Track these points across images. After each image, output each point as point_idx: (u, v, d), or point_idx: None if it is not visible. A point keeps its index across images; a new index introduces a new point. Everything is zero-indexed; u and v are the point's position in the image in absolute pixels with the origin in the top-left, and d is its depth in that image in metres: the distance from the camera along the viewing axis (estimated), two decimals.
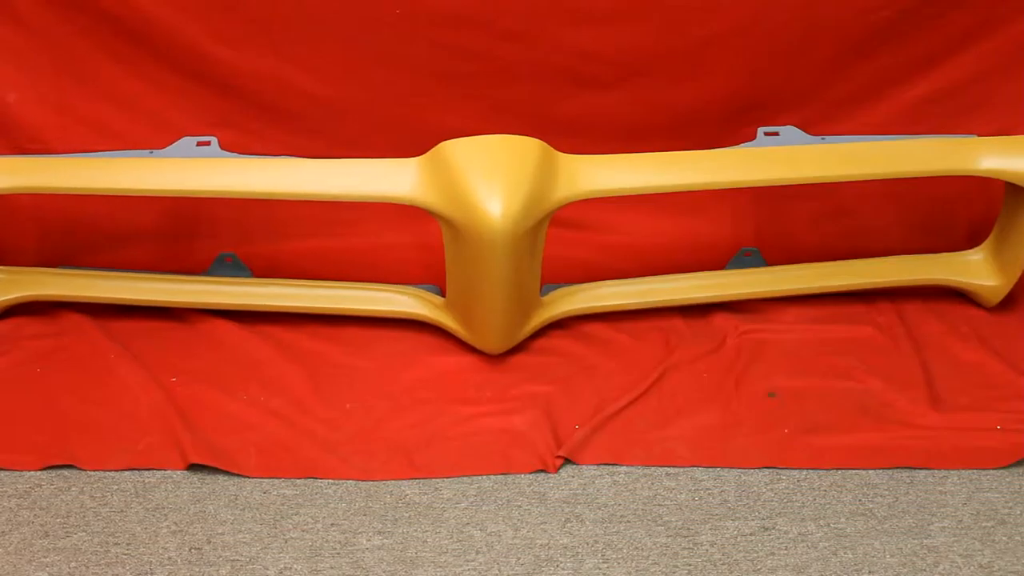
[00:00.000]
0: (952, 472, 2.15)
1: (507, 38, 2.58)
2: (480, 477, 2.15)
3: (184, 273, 2.58)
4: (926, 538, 2.01)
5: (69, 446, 2.20)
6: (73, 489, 2.11)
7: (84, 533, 2.02)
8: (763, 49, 2.61)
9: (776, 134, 2.43)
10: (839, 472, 2.16)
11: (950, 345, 2.49)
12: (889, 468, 2.16)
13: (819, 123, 2.61)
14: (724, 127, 2.68)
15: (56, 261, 2.63)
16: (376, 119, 2.66)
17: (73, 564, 1.95)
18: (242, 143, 2.48)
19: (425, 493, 2.11)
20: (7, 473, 2.14)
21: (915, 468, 2.16)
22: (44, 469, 2.15)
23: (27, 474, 2.14)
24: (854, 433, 2.24)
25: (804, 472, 2.16)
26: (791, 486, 2.13)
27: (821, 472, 2.16)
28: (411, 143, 2.38)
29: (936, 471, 2.16)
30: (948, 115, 2.68)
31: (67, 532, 2.02)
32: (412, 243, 2.69)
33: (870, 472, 2.16)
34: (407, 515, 2.06)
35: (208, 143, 2.38)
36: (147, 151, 2.38)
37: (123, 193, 2.35)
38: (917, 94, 2.66)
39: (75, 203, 2.55)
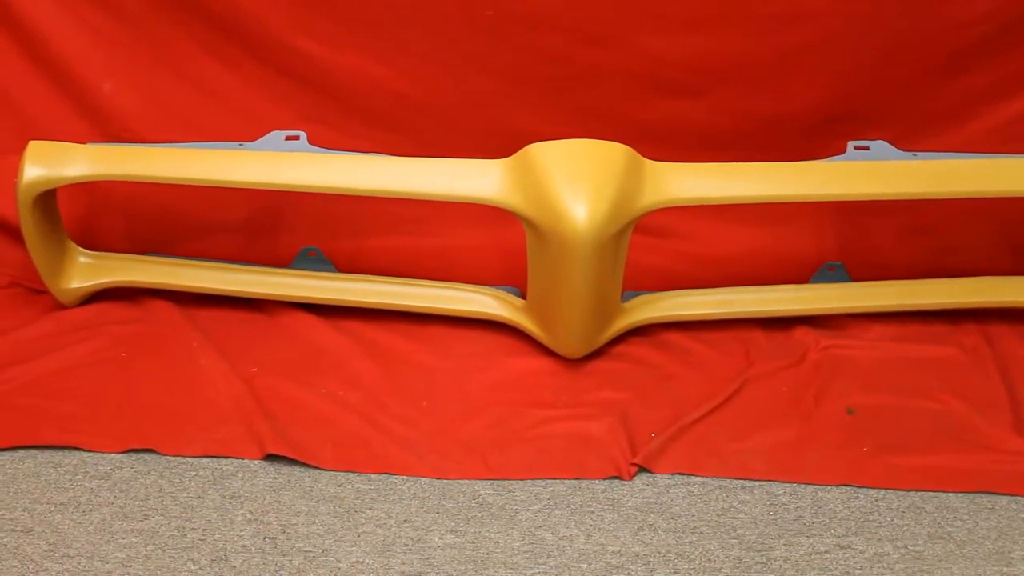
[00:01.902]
0: None
1: (595, 43, 2.57)
2: (554, 481, 2.14)
3: (268, 265, 2.61)
4: (1006, 566, 1.97)
5: (150, 431, 2.23)
6: (152, 473, 2.15)
7: (161, 517, 2.05)
8: (855, 60, 2.58)
9: (866, 148, 2.39)
10: (918, 493, 2.12)
11: None
12: (970, 492, 2.12)
13: (910, 138, 2.56)
14: (812, 139, 2.64)
15: (144, 248, 2.66)
16: (463, 120, 2.67)
17: (150, 547, 1.98)
18: (330, 138, 2.49)
19: (498, 494, 2.11)
20: (89, 454, 2.18)
21: (997, 493, 2.12)
22: (125, 452, 2.19)
23: (108, 456, 2.18)
24: (935, 455, 2.20)
25: (882, 492, 2.13)
26: (868, 505, 2.10)
27: (900, 492, 2.12)
28: (496, 145, 2.39)
29: (1018, 497, 2.11)
30: None
31: (145, 515, 2.05)
32: (494, 244, 2.69)
33: (950, 495, 2.12)
34: (480, 515, 2.07)
35: (297, 137, 2.41)
36: (237, 143, 2.41)
37: (212, 184, 2.38)
38: (1013, 112, 2.61)
39: (165, 192, 2.58)
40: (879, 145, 2.39)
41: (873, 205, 2.55)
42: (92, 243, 2.65)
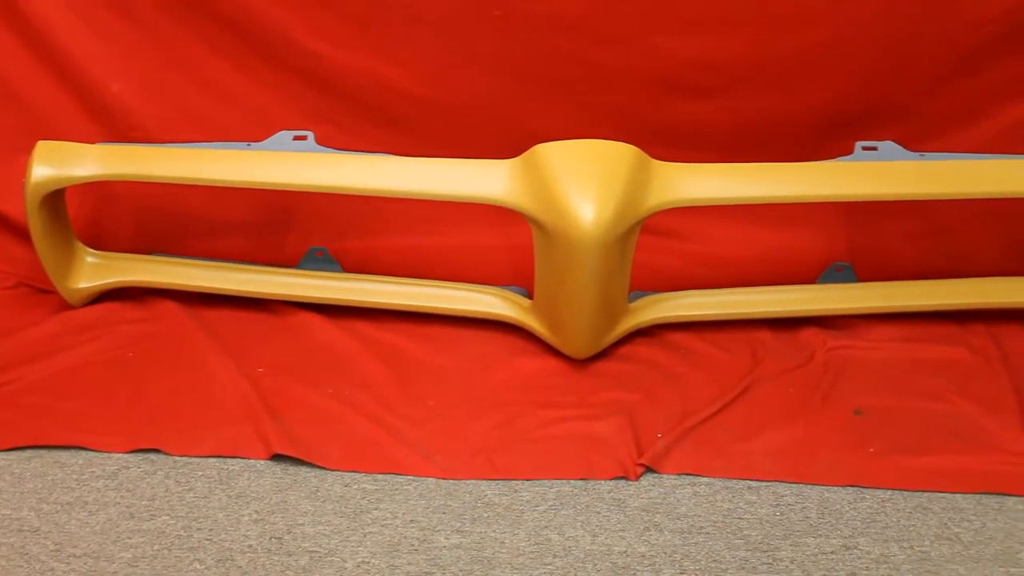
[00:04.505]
0: None
1: (604, 43, 2.58)
2: (560, 481, 2.14)
3: (275, 265, 2.61)
4: (1013, 567, 1.96)
5: (156, 430, 2.23)
6: (159, 473, 2.15)
7: (168, 516, 2.05)
8: (864, 61, 2.58)
9: (874, 149, 2.38)
10: (925, 494, 2.11)
11: None
12: (977, 493, 2.11)
13: (919, 139, 2.55)
14: (820, 140, 2.64)
15: (152, 248, 2.68)
16: (471, 120, 2.67)
17: (156, 547, 1.98)
18: (338, 139, 2.51)
19: (504, 494, 2.11)
20: (96, 454, 2.18)
21: (1004, 494, 2.11)
22: (131, 452, 2.19)
23: (115, 456, 2.18)
24: (942, 455, 2.19)
25: (889, 492, 2.12)
26: (875, 506, 2.09)
27: (906, 493, 2.11)
28: (505, 145, 2.39)
29: None
30: None
31: (152, 514, 2.05)
32: (501, 244, 2.69)
33: (957, 496, 2.11)
34: (486, 515, 2.06)
35: (304, 137, 2.41)
36: (244, 143, 2.42)
37: (219, 184, 2.39)
38: (1022, 113, 2.61)
39: (172, 192, 2.60)
40: (887, 146, 2.39)
41: (882, 206, 2.55)
42: (100, 243, 2.66)
